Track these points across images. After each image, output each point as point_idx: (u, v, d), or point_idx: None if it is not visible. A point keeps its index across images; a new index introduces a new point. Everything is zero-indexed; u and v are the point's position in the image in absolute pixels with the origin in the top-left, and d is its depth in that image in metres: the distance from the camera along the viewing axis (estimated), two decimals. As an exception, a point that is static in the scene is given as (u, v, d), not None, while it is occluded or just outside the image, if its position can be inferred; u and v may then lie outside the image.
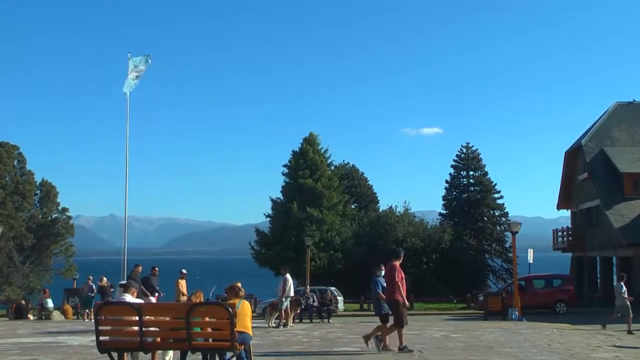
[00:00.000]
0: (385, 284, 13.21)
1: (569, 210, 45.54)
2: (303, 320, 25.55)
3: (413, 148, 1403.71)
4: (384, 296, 13.00)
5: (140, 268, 20.51)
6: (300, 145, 48.40)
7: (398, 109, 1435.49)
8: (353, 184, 55.99)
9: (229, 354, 9.27)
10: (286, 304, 21.64)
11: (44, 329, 21.21)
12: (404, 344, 12.71)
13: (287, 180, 48.19)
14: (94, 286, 29.11)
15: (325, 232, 45.36)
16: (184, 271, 21.66)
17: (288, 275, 22.15)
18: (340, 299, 34.28)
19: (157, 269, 21.22)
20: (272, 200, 48.69)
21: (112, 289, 27.41)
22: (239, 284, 11.35)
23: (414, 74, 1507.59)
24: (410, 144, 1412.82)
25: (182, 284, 21.37)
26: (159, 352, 10.42)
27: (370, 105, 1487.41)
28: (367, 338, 13.24)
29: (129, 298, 10.22)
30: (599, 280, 42.14)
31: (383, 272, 13.67)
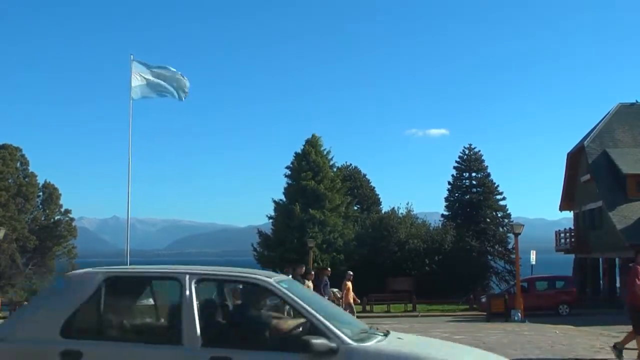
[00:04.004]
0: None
1: (572, 212, 45.48)
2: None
3: (419, 149, 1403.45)
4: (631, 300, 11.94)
5: (303, 269, 19.96)
6: (302, 147, 48.42)
7: (405, 110, 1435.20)
8: (355, 185, 56.00)
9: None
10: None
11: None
12: None
13: (290, 181, 48.19)
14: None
15: (327, 233, 45.35)
16: (351, 272, 21.69)
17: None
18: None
19: (329, 270, 21.29)
20: (274, 201, 48.70)
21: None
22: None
23: (421, 75, 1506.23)
24: (417, 146, 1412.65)
25: (349, 285, 21.25)
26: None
27: (377, 107, 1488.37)
28: (618, 348, 12.01)
29: None
30: (601, 282, 42.08)
31: None
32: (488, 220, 51.64)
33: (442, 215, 52.95)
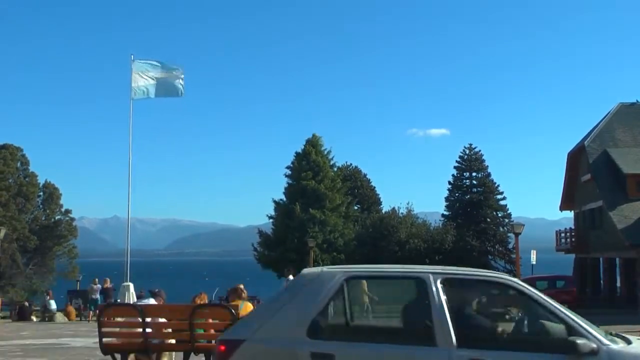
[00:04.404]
0: None
1: (572, 212, 45.44)
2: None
3: (419, 149, 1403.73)
4: None
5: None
6: (303, 147, 48.43)
7: (405, 110, 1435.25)
8: (356, 185, 56.02)
9: (232, 356, 9.28)
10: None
11: (48, 330, 21.25)
12: None
13: (290, 181, 48.23)
14: (95, 287, 29.25)
15: (328, 233, 45.36)
16: None
17: (291, 277, 22.17)
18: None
19: None
20: (274, 201, 48.75)
21: (114, 290, 27.50)
22: (242, 286, 11.38)
23: (421, 75, 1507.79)
24: (417, 145, 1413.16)
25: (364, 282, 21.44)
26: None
27: (377, 107, 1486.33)
28: None
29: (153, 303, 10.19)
30: (602, 282, 42.07)
31: None
32: (488, 220, 51.64)
33: (443, 215, 52.95)
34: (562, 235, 46.03)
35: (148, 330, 8.73)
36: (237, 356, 5.24)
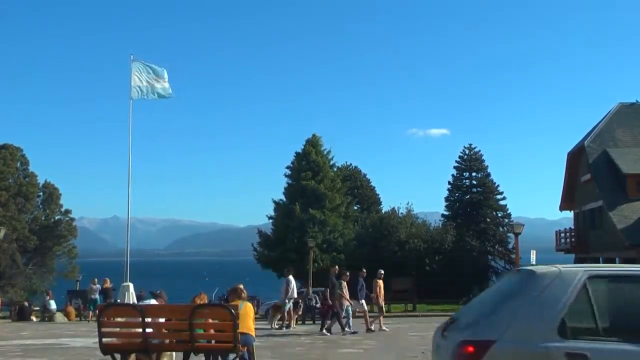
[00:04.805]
0: None
1: (572, 212, 45.45)
2: (306, 322, 25.56)
3: (419, 149, 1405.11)
4: None
5: (337, 268, 21.34)
6: (303, 147, 48.42)
7: (406, 110, 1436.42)
8: (355, 185, 56.01)
9: (231, 356, 9.29)
10: (289, 305, 21.66)
11: (47, 330, 21.25)
12: None
13: (290, 181, 48.20)
14: (94, 287, 29.26)
15: (327, 233, 45.34)
16: (382, 271, 22.18)
17: (291, 277, 22.17)
18: (342, 300, 34.16)
19: (364, 271, 22.31)
20: (274, 201, 48.72)
21: (113, 290, 27.49)
22: (241, 286, 11.38)
23: (421, 75, 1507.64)
24: (417, 145, 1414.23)
25: (381, 284, 21.65)
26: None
27: (377, 107, 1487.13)
28: None
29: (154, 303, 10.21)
30: (602, 282, 42.07)
31: None
32: (488, 220, 51.61)
33: (443, 215, 52.91)
34: (562, 235, 46.03)
35: (148, 330, 8.73)
36: (489, 358, 5.20)
